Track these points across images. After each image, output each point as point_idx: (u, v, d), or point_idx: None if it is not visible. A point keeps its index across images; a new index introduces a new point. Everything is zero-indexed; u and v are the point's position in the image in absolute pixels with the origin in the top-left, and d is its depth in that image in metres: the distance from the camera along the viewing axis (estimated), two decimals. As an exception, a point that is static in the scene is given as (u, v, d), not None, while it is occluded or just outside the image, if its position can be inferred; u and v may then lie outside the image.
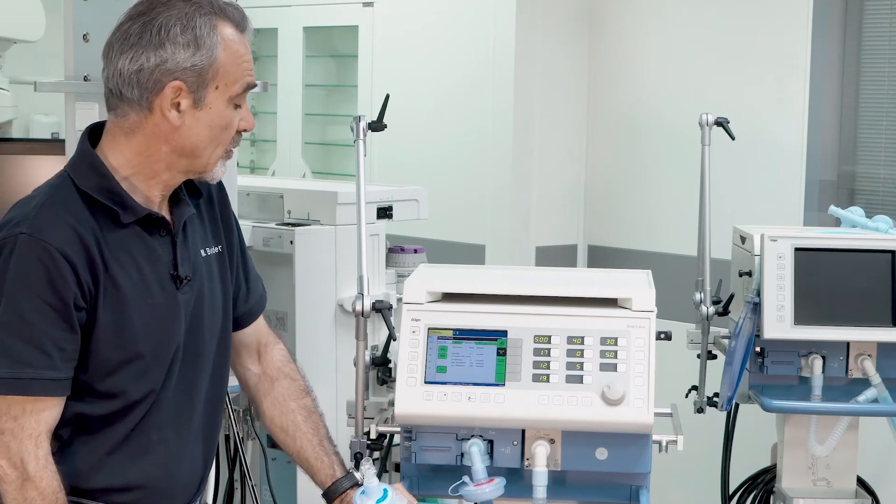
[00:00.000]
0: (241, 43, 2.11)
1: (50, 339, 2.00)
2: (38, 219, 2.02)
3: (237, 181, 3.10)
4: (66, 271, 2.00)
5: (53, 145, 3.98)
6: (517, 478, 2.32)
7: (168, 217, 2.17)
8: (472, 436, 2.30)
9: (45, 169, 2.25)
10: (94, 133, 2.16)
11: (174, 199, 2.19)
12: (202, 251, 2.23)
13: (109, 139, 2.12)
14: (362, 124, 2.64)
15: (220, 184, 2.32)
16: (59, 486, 2.02)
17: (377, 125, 2.67)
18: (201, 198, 2.27)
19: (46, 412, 2.03)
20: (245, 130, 2.15)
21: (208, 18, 2.07)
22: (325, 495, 2.33)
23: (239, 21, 2.12)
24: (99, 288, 2.04)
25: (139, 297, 2.09)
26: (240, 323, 2.38)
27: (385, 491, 2.18)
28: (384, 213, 3.24)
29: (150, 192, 2.13)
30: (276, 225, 3.22)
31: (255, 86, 2.15)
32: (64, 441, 2.09)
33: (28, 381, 1.99)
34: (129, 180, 2.10)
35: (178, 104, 2.07)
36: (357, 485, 2.28)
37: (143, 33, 2.07)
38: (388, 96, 2.73)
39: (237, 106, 2.12)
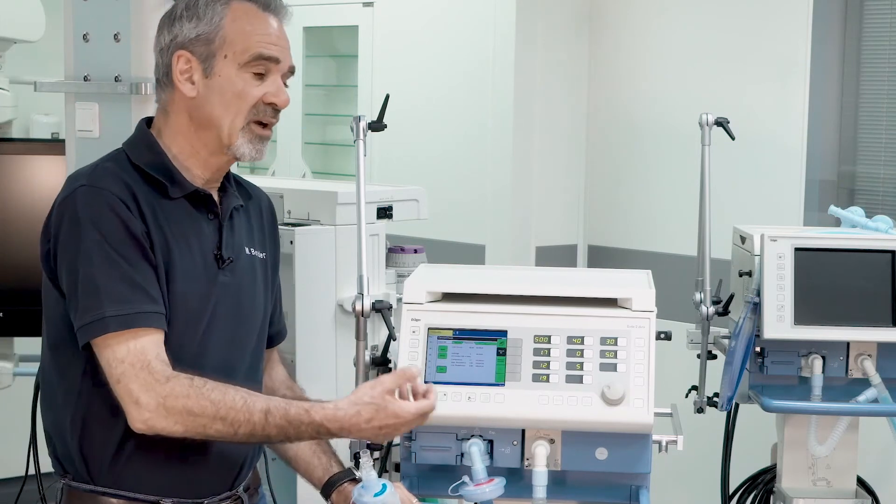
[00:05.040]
0: (257, 18, 2.21)
1: (139, 275, 2.08)
2: (95, 174, 2.14)
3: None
4: (128, 212, 2.10)
5: (53, 145, 3.97)
6: (517, 478, 2.32)
7: (218, 203, 2.25)
8: (472, 436, 2.30)
9: (45, 169, 2.26)
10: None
11: (223, 191, 2.28)
12: (247, 249, 2.30)
13: (156, 122, 2.26)
14: (362, 124, 2.64)
15: (272, 206, 2.44)
16: (188, 380, 2.06)
17: (377, 125, 2.66)
18: (250, 200, 2.36)
19: (147, 339, 2.07)
20: (275, 105, 2.21)
21: None
22: (322, 490, 2.34)
23: (261, 0, 2.23)
24: (153, 239, 2.12)
25: (183, 262, 2.16)
26: (272, 340, 2.45)
27: (384, 486, 2.18)
28: (384, 213, 3.24)
29: (196, 172, 2.22)
30: (276, 225, 3.22)
31: (273, 59, 2.20)
32: (86, 424, 2.14)
33: (133, 316, 2.06)
34: (177, 159, 2.21)
35: (192, 76, 2.18)
36: (355, 480, 2.28)
37: (164, 19, 2.23)
38: (388, 96, 2.73)
39: (259, 77, 2.19)
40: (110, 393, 2.08)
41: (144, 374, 2.04)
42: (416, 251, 3.36)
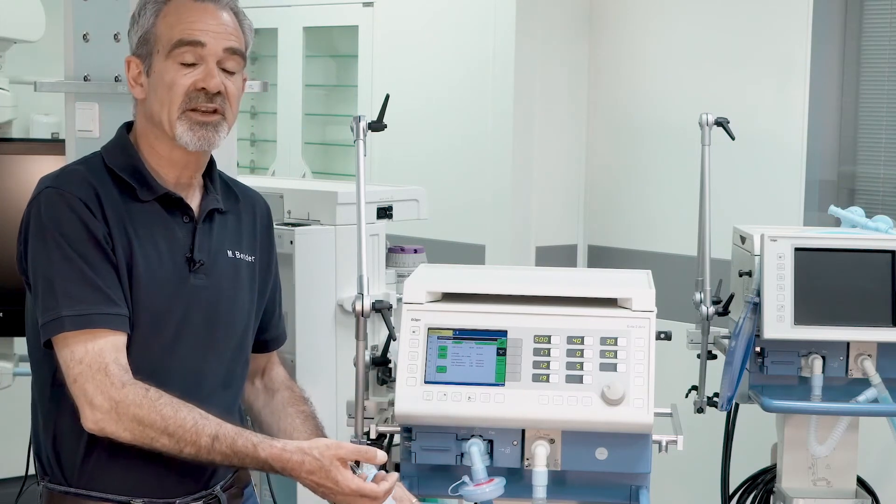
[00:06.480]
0: (186, 9, 2.20)
1: (100, 277, 2.09)
2: (62, 177, 2.17)
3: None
4: (90, 214, 2.11)
5: (53, 145, 3.97)
6: (517, 478, 2.32)
7: (196, 206, 2.25)
8: (472, 436, 2.30)
9: (45, 169, 2.27)
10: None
11: (206, 192, 2.28)
12: (229, 252, 2.29)
13: (133, 127, 2.29)
14: (362, 124, 2.63)
15: (268, 209, 2.45)
16: (144, 390, 2.07)
17: (377, 125, 2.66)
18: (239, 203, 2.35)
19: (105, 341, 2.08)
20: (204, 90, 2.19)
21: None
22: None
23: None
24: (115, 242, 2.13)
25: (149, 265, 2.15)
26: (267, 345, 2.46)
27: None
28: (384, 213, 3.24)
29: (165, 173, 2.23)
30: (276, 225, 3.20)
31: (196, 43, 2.18)
32: (59, 427, 2.16)
33: (90, 317, 2.07)
34: (149, 162, 2.23)
35: (140, 80, 2.23)
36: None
37: None
38: (388, 96, 2.73)
39: (188, 65, 2.19)
40: None
41: (101, 377, 2.06)
42: (416, 251, 3.36)
